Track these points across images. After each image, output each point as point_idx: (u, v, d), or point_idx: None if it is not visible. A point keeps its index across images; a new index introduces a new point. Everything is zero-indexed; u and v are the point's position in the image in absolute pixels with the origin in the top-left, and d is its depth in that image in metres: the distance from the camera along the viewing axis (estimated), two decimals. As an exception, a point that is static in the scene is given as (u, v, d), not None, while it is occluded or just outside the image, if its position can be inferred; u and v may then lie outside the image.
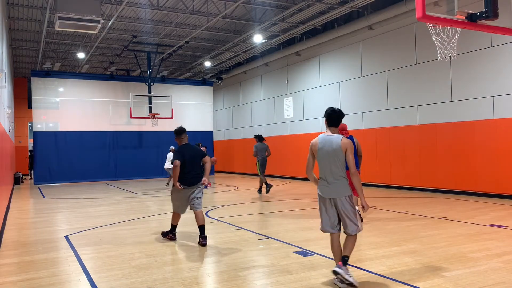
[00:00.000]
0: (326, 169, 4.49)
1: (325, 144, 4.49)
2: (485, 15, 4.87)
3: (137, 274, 4.90)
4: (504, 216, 8.47)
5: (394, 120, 14.47)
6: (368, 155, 15.29)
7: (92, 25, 11.98)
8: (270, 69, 21.70)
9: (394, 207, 9.92)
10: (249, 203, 11.50)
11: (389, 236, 6.73)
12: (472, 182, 11.94)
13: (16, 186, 19.14)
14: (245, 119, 24.36)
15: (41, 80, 20.16)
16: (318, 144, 4.53)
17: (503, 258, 5.26)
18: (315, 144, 4.56)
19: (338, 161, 4.44)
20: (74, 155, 20.22)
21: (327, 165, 4.48)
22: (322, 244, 6.01)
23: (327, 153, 4.46)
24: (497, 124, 11.36)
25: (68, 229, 7.95)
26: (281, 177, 20.45)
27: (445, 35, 5.70)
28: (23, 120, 28.06)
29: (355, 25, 15.43)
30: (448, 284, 4.32)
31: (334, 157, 4.44)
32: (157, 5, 14.71)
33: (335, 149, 4.43)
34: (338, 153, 4.42)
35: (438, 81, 12.96)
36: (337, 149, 4.42)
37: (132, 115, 20.62)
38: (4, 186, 10.59)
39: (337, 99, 17.11)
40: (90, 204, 11.91)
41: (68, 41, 19.26)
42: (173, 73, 26.40)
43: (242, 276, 4.78)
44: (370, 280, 4.52)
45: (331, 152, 4.44)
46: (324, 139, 4.52)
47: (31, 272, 5.12)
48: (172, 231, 6.87)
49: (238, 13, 16.12)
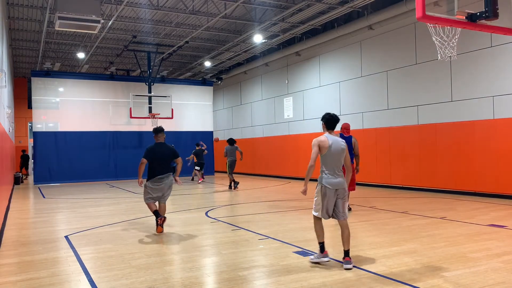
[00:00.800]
0: (334, 164, 5.12)
1: (333, 142, 5.10)
2: (485, 15, 4.87)
3: (137, 274, 4.90)
4: (504, 216, 8.47)
5: (394, 120, 14.48)
6: (368, 155, 15.30)
7: (92, 25, 11.98)
8: (270, 69, 21.70)
9: (394, 207, 9.92)
10: (249, 203, 11.50)
11: (389, 236, 6.73)
12: (472, 182, 11.94)
13: (16, 186, 19.14)
14: (245, 119, 24.36)
15: (41, 80, 20.16)
16: (328, 142, 5.08)
17: (503, 258, 5.26)
18: (325, 141, 5.09)
19: (342, 158, 5.18)
20: (74, 155, 20.22)
21: (336, 161, 5.12)
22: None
23: (336, 151, 5.10)
24: (497, 124, 11.36)
25: (68, 229, 7.95)
26: (281, 177, 20.45)
27: (445, 35, 5.70)
28: (23, 120, 28.07)
29: (355, 25, 15.43)
30: (448, 284, 4.32)
31: (341, 155, 5.16)
32: (157, 5, 14.71)
33: (343, 149, 5.16)
34: (344, 151, 5.17)
35: (438, 81, 12.96)
36: (344, 149, 5.18)
37: (132, 115, 20.63)
38: (4, 186, 10.59)
39: (337, 99, 17.11)
40: (90, 204, 11.91)
41: (68, 41, 19.26)
42: (173, 73, 26.40)
43: (242, 276, 4.78)
44: (370, 280, 4.52)
45: (340, 150, 5.13)
46: (332, 138, 5.13)
47: (31, 272, 5.12)
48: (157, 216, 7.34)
49: (238, 13, 16.12)
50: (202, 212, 9.75)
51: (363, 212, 9.36)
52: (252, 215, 9.32)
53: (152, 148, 7.42)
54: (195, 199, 12.82)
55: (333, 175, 5.09)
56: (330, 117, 5.21)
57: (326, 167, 5.12)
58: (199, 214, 9.49)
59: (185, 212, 9.84)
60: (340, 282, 4.46)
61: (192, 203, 11.57)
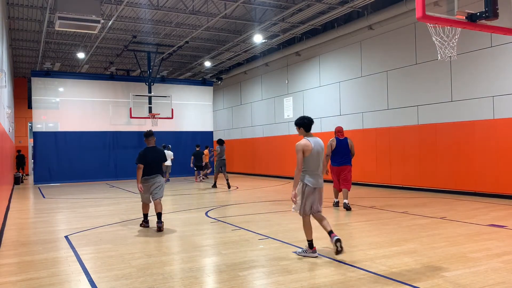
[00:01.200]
0: (316, 164, 5.53)
1: (315, 144, 5.50)
2: (485, 15, 4.86)
3: (137, 274, 4.90)
4: (504, 216, 8.47)
5: (394, 120, 14.47)
6: (368, 155, 15.31)
7: (92, 25, 11.98)
8: (270, 69, 21.70)
9: (394, 207, 9.92)
10: (249, 203, 11.50)
11: (389, 236, 6.73)
12: (472, 182, 11.94)
13: (16, 186, 19.15)
14: (245, 119, 24.36)
15: (41, 80, 20.16)
16: (311, 145, 5.46)
17: (503, 258, 5.26)
18: (308, 145, 5.46)
19: (322, 157, 5.62)
20: (74, 155, 20.22)
21: (317, 161, 5.53)
22: (322, 244, 6.00)
23: (318, 152, 5.52)
24: (497, 124, 11.36)
25: (68, 229, 7.95)
26: (281, 177, 20.45)
27: (445, 35, 5.70)
28: (23, 120, 28.07)
29: (355, 25, 15.43)
30: (448, 284, 4.32)
31: (322, 154, 5.59)
32: (157, 5, 14.71)
33: (323, 147, 5.62)
34: (323, 150, 5.66)
35: (438, 81, 12.96)
36: (323, 147, 5.65)
37: (132, 115, 20.62)
38: (4, 186, 10.59)
39: (337, 99, 17.11)
40: (90, 204, 11.91)
41: (68, 41, 19.26)
42: (173, 73, 26.40)
43: (242, 276, 4.78)
44: (370, 280, 4.52)
45: (321, 150, 5.58)
46: (313, 141, 5.52)
47: (31, 272, 5.12)
48: (145, 219, 7.96)
49: (238, 13, 16.12)
50: (202, 212, 9.75)
51: (363, 212, 9.36)
52: (252, 215, 9.32)
53: (144, 153, 7.72)
54: (195, 199, 12.82)
55: (314, 175, 5.50)
56: (308, 121, 5.59)
57: (309, 168, 5.48)
58: (199, 214, 9.49)
59: (185, 212, 9.84)
60: (340, 282, 4.46)
61: (192, 203, 11.57)
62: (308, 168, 5.47)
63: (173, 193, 14.34)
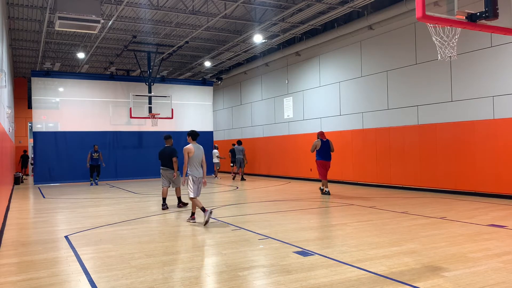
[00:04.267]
0: (197, 162, 8.24)
1: (196, 149, 8.22)
2: (485, 15, 4.86)
3: (137, 274, 4.90)
4: (504, 216, 8.47)
5: (394, 120, 14.48)
6: (368, 155, 15.32)
7: (92, 25, 11.97)
8: (270, 69, 21.70)
9: (394, 207, 9.92)
10: (249, 203, 11.50)
11: (389, 236, 6.73)
12: (472, 182, 11.94)
13: (16, 186, 19.14)
14: (245, 119, 24.36)
15: (41, 80, 20.15)
16: (193, 149, 8.14)
17: (503, 258, 5.26)
18: (191, 148, 8.13)
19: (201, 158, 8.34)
20: (74, 155, 20.20)
21: (197, 160, 8.24)
22: (322, 244, 6.01)
23: (198, 154, 8.25)
24: (497, 124, 11.36)
25: (68, 229, 7.95)
26: (281, 177, 20.45)
27: (445, 35, 5.70)
28: (23, 120, 28.08)
29: (355, 25, 15.42)
30: (448, 284, 4.32)
31: (201, 156, 8.33)
32: (157, 5, 14.71)
33: (202, 151, 8.38)
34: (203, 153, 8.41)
35: (438, 81, 12.96)
36: (202, 151, 8.42)
37: (132, 115, 20.62)
38: (4, 186, 10.59)
39: (337, 99, 17.12)
40: (90, 204, 11.91)
41: (68, 41, 19.26)
42: (173, 73, 26.40)
43: (242, 276, 4.78)
44: (370, 280, 4.52)
45: (200, 153, 8.33)
46: (195, 146, 8.23)
47: (31, 272, 5.12)
48: (163, 203, 10.44)
49: (238, 13, 16.12)
50: (202, 212, 9.73)
51: (363, 212, 9.36)
52: (252, 215, 9.32)
53: (161, 150, 10.89)
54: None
55: (197, 169, 8.21)
56: (195, 133, 8.36)
57: (192, 164, 8.19)
58: (199, 214, 9.48)
59: (185, 212, 9.84)
60: (340, 282, 4.46)
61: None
62: (192, 165, 8.17)
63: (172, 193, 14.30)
